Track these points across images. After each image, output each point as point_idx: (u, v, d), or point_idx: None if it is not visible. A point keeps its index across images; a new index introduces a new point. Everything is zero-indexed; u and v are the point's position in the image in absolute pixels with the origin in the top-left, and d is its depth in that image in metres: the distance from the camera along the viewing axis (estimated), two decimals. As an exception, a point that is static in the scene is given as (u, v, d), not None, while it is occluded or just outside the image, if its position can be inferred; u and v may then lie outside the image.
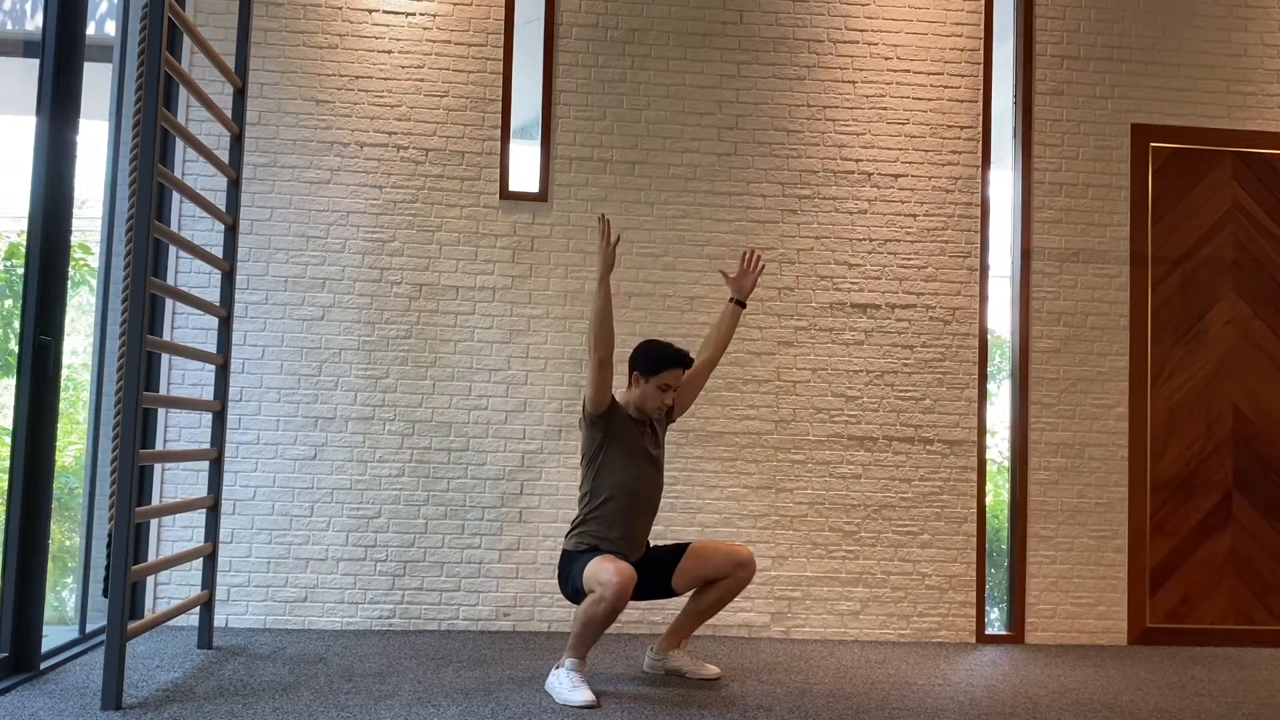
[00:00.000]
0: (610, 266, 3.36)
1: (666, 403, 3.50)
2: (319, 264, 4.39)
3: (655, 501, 3.54)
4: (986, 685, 3.65)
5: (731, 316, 3.72)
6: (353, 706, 3.03)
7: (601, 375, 3.33)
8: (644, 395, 3.47)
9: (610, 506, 3.40)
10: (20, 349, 3.28)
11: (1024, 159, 4.65)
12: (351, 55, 4.46)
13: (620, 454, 3.41)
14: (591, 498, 3.43)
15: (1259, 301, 4.70)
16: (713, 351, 3.70)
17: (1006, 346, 4.74)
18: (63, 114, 3.33)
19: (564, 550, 3.47)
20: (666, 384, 3.46)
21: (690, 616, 3.59)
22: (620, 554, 3.37)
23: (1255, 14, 4.78)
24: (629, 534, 3.43)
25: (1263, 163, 4.73)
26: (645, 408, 3.49)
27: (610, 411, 3.42)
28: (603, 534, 3.39)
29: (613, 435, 3.42)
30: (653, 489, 3.51)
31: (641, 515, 3.47)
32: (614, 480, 3.40)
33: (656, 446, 3.54)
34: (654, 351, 3.48)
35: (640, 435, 3.48)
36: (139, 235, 3.05)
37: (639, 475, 3.43)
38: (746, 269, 3.74)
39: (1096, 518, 4.56)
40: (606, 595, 3.16)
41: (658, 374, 3.45)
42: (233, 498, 4.26)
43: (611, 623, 3.25)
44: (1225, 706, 3.44)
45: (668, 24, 4.57)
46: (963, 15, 4.68)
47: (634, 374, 3.49)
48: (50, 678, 3.27)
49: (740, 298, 3.73)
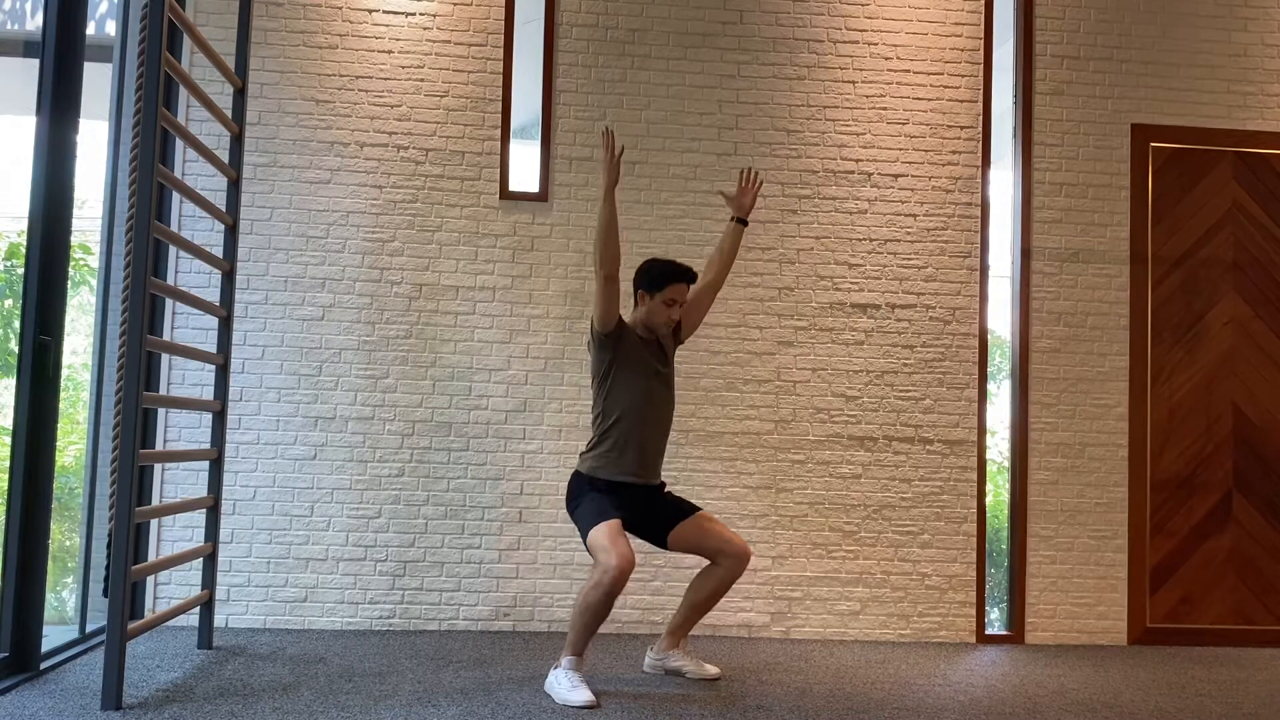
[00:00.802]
0: (615, 181, 3.37)
1: (673, 317, 3.52)
2: (319, 264, 4.39)
3: (667, 420, 3.56)
4: (986, 685, 3.65)
5: (734, 235, 3.74)
6: (353, 706, 3.03)
7: (608, 291, 3.35)
8: (650, 312, 3.50)
9: (622, 426, 3.41)
10: (20, 349, 3.28)
11: (1024, 159, 4.65)
12: (351, 55, 4.46)
13: (629, 373, 3.44)
14: (604, 418, 3.45)
15: (1259, 301, 4.70)
16: (717, 271, 3.72)
17: (1006, 346, 4.74)
18: (63, 114, 3.33)
19: (576, 472, 3.49)
20: (672, 298, 3.49)
21: (687, 612, 3.59)
22: (634, 480, 3.40)
23: (1255, 14, 4.78)
24: (642, 453, 3.45)
25: (1263, 163, 4.73)
26: (652, 324, 3.51)
27: (618, 331, 3.43)
28: (616, 457, 3.41)
29: (621, 354, 3.44)
30: (664, 407, 3.53)
31: (653, 434, 3.49)
32: (625, 399, 3.42)
33: (665, 364, 3.56)
34: (657, 267, 3.53)
35: (649, 353, 3.50)
36: (139, 235, 3.04)
37: (649, 393, 3.46)
38: (745, 186, 3.76)
39: (1096, 518, 4.56)
40: (604, 581, 3.17)
41: (662, 289, 3.48)
42: (233, 498, 4.26)
43: (609, 609, 3.25)
44: (1225, 706, 3.44)
45: (668, 24, 4.57)
46: (963, 15, 4.68)
47: (639, 292, 3.52)
48: (50, 678, 3.27)
49: (741, 215, 3.75)
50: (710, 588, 3.53)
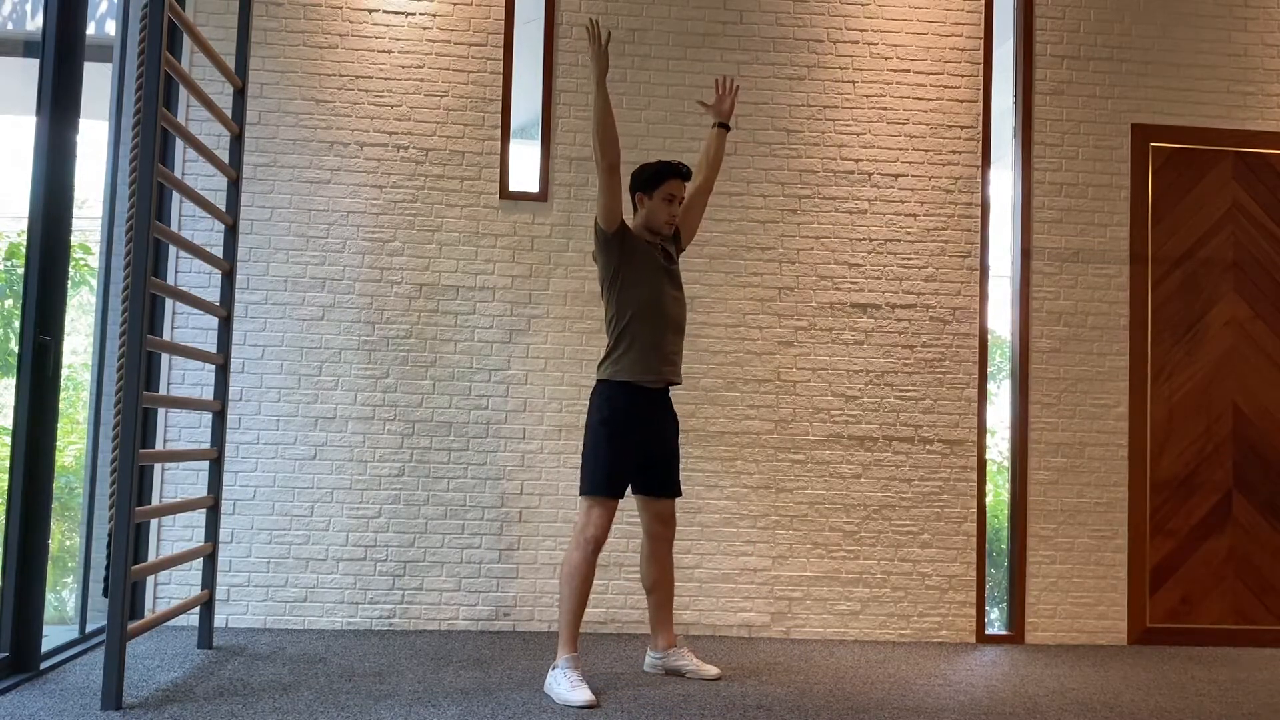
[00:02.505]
0: (605, 69, 3.38)
1: (674, 213, 3.57)
2: (319, 264, 4.39)
3: (681, 318, 3.57)
4: (986, 685, 3.65)
5: (718, 139, 3.78)
6: (353, 706, 3.03)
7: (611, 182, 3.38)
8: (650, 211, 3.55)
9: (638, 325, 3.43)
10: (20, 349, 3.28)
11: (1024, 159, 4.65)
12: (351, 55, 4.46)
13: (637, 271, 3.46)
14: (618, 319, 3.46)
15: (1259, 301, 4.70)
16: (705, 175, 3.76)
17: (1006, 346, 4.74)
18: (63, 114, 3.33)
19: (599, 382, 3.49)
20: (670, 193, 3.54)
21: (655, 597, 3.64)
22: (656, 381, 3.45)
23: (1255, 14, 4.78)
24: (662, 353, 3.47)
25: (1263, 163, 4.73)
26: (654, 224, 3.55)
27: (622, 231, 3.47)
28: (635, 358, 3.42)
29: (627, 255, 3.47)
30: (675, 304, 3.54)
31: (669, 329, 3.50)
32: (636, 298, 3.44)
33: (672, 262, 3.59)
34: (651, 167, 3.60)
35: (655, 253, 3.53)
36: (139, 235, 3.05)
37: (659, 289, 3.48)
38: (722, 93, 3.80)
39: (1096, 518, 4.56)
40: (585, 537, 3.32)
41: (659, 186, 3.54)
42: (233, 498, 4.26)
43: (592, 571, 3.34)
44: (1225, 706, 3.44)
45: (668, 24, 4.57)
46: (963, 15, 4.68)
47: (636, 195, 3.58)
48: (50, 678, 3.27)
49: (722, 120, 3.79)
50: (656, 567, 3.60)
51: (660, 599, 3.64)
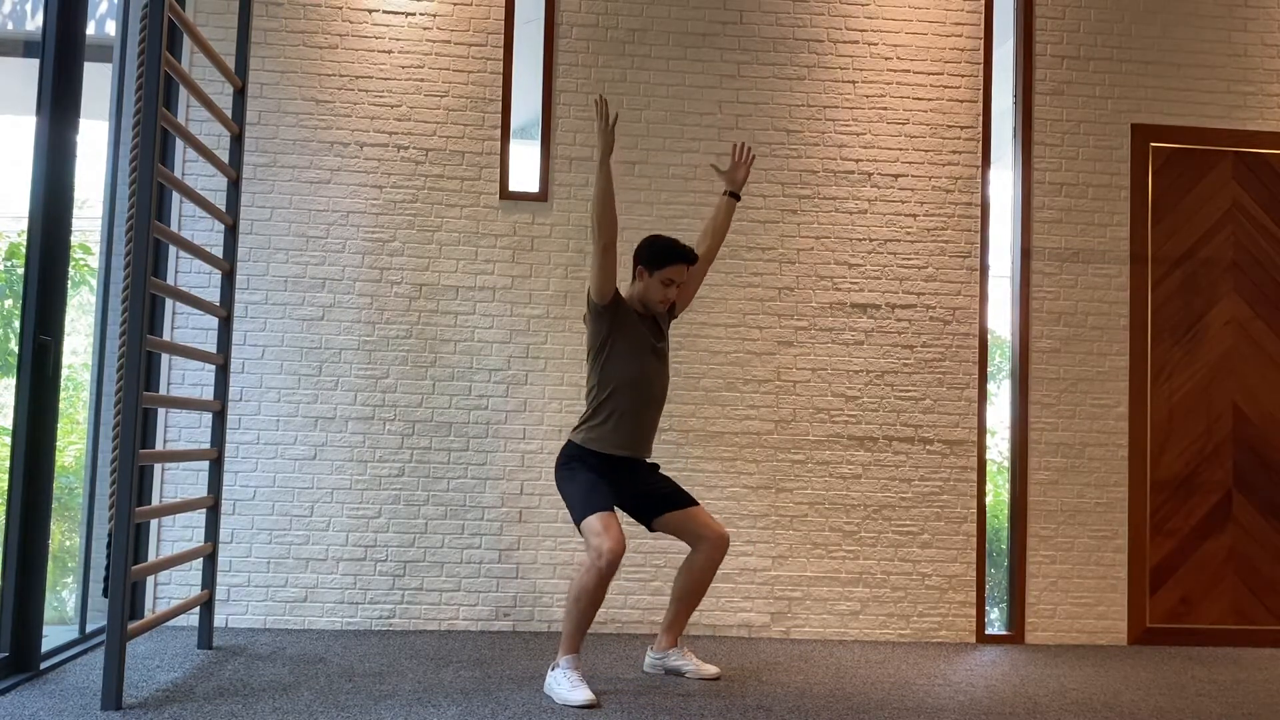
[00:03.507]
0: (610, 148, 3.36)
1: (670, 297, 3.52)
2: (319, 264, 4.39)
3: (661, 395, 3.56)
4: (986, 685, 3.65)
5: (726, 208, 3.75)
6: (353, 706, 3.03)
7: (605, 261, 3.33)
8: (647, 289, 3.50)
9: (617, 399, 3.41)
10: (20, 349, 3.28)
11: (1024, 159, 4.65)
12: (351, 55, 4.46)
13: (625, 347, 3.43)
14: (598, 391, 3.44)
15: (1259, 301, 4.70)
16: (711, 242, 3.74)
17: (1006, 346, 4.75)
18: (63, 114, 3.33)
19: (569, 442, 3.48)
20: (670, 278, 3.49)
21: (677, 606, 3.60)
22: (626, 454, 3.42)
23: (1255, 14, 4.78)
24: (636, 428, 3.45)
25: (1263, 163, 4.73)
26: (648, 301, 3.52)
27: (614, 303, 3.42)
28: (610, 430, 3.41)
29: (617, 328, 3.43)
30: (658, 382, 3.52)
31: (648, 408, 3.49)
32: (620, 373, 3.42)
33: (661, 339, 3.56)
34: (658, 245, 3.51)
35: (645, 328, 3.50)
36: (139, 235, 3.04)
37: (644, 367, 3.45)
38: (738, 160, 3.76)
39: (1096, 518, 4.56)
40: (599, 565, 3.19)
41: (662, 268, 3.47)
42: (233, 498, 4.26)
43: (603, 594, 3.26)
44: (1225, 706, 3.44)
45: (668, 24, 4.57)
46: (963, 15, 4.68)
47: (638, 268, 3.52)
48: (50, 678, 3.27)
49: (734, 189, 3.75)
50: (694, 577, 3.55)
51: (682, 609, 3.61)
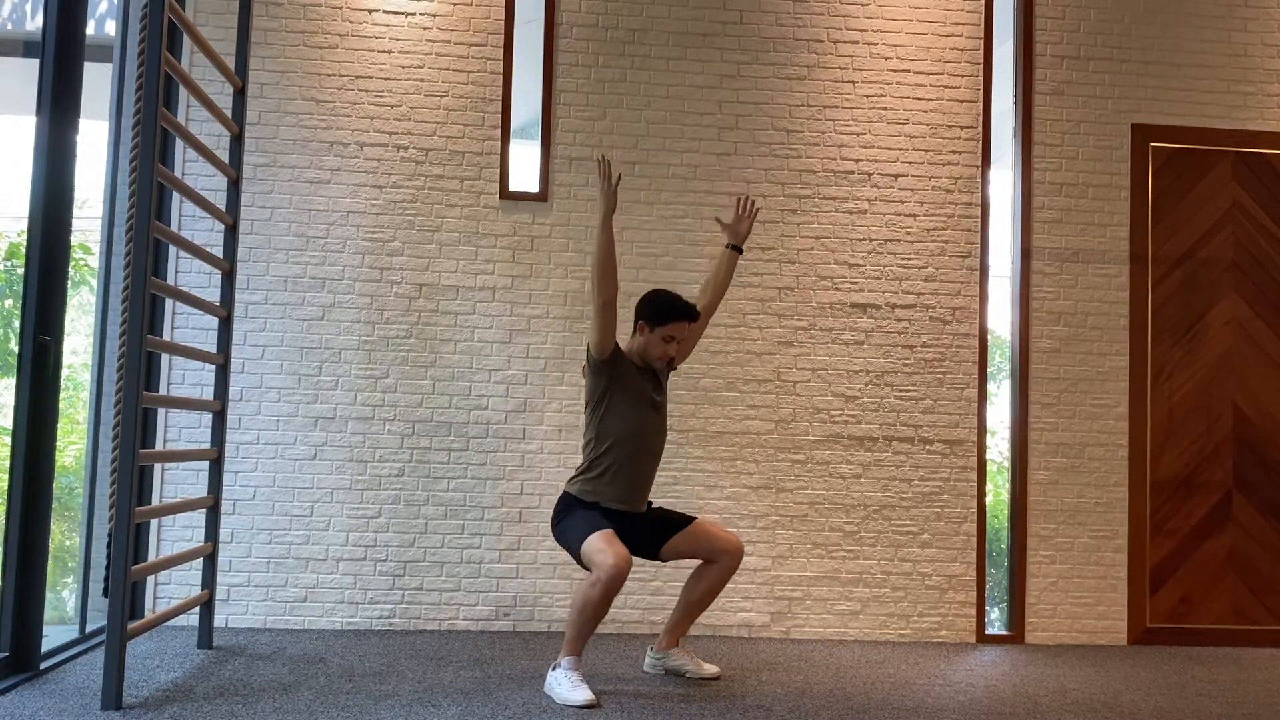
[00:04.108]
0: (612, 208, 3.35)
1: (670, 353, 3.51)
2: (319, 264, 4.39)
3: (659, 449, 3.55)
4: (986, 685, 3.65)
5: (729, 262, 3.74)
6: (353, 706, 3.03)
7: (605, 319, 3.33)
8: (647, 344, 3.49)
9: (614, 453, 3.40)
10: (20, 349, 3.28)
11: (1024, 159, 4.65)
12: (351, 55, 4.46)
13: (624, 401, 3.42)
14: (596, 444, 3.43)
15: (1259, 301, 4.70)
16: (712, 297, 3.73)
17: (1006, 346, 4.74)
18: (63, 114, 3.33)
19: (565, 493, 3.47)
20: (671, 335, 3.48)
21: (685, 609, 3.59)
22: (623, 508, 3.40)
23: (1255, 14, 4.78)
24: (634, 481, 3.44)
25: (1263, 163, 4.73)
26: (648, 356, 3.50)
27: (614, 357, 3.42)
28: (607, 483, 3.40)
29: (616, 381, 3.42)
30: (656, 436, 3.52)
31: (645, 462, 3.48)
32: (618, 427, 3.41)
33: (660, 393, 3.55)
34: (661, 302, 3.49)
35: (644, 382, 3.49)
36: (139, 235, 3.04)
37: (643, 422, 3.44)
38: (741, 214, 3.76)
39: (1096, 518, 4.56)
40: (602, 578, 3.16)
41: (663, 325, 3.46)
42: (233, 498, 4.26)
43: (607, 608, 3.25)
44: (1225, 706, 3.44)
45: (668, 24, 4.57)
46: (963, 15, 4.68)
47: (639, 322, 3.51)
48: (50, 678, 3.27)
49: (736, 243, 3.74)
50: (705, 586, 3.54)
51: (688, 614, 3.60)
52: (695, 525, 3.54)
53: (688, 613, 3.60)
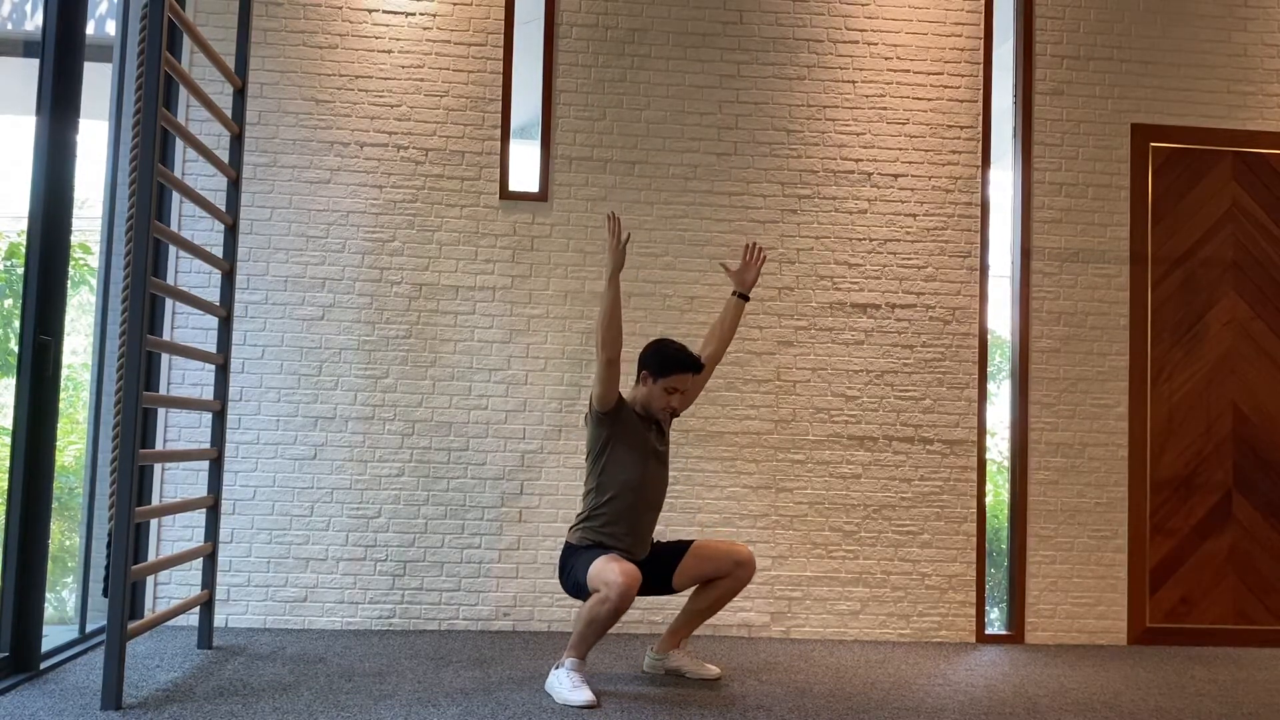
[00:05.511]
0: (620, 265, 3.34)
1: (673, 405, 3.49)
2: (319, 264, 4.39)
3: (660, 499, 3.54)
4: (986, 685, 3.65)
5: (735, 310, 3.73)
6: (353, 706, 3.03)
7: (609, 374, 3.32)
8: (650, 395, 3.46)
9: (616, 504, 3.39)
10: (20, 349, 3.28)
11: (1024, 159, 4.65)
12: (351, 55, 4.46)
13: (626, 451, 3.40)
14: (597, 494, 3.41)
15: (1259, 301, 4.70)
16: (716, 346, 3.71)
17: (1006, 346, 4.74)
18: (63, 114, 3.33)
19: (567, 543, 3.46)
20: (674, 387, 3.44)
21: (690, 616, 3.59)
22: (626, 553, 3.37)
23: (1255, 14, 4.78)
24: (635, 531, 3.43)
25: (1263, 163, 4.73)
26: (650, 407, 3.48)
27: (617, 409, 3.40)
28: (608, 532, 3.39)
29: (619, 432, 3.41)
30: (658, 486, 3.51)
31: (647, 512, 3.47)
32: (620, 477, 3.39)
33: (663, 443, 3.53)
34: (665, 353, 3.46)
35: (646, 432, 3.47)
36: (139, 235, 3.04)
37: (645, 472, 3.43)
38: (749, 261, 3.75)
39: (1096, 518, 4.56)
40: (611, 596, 3.15)
41: (667, 376, 3.43)
42: (233, 498, 4.26)
43: (615, 623, 3.25)
44: (1225, 706, 3.44)
45: (668, 24, 4.57)
46: (963, 15, 4.68)
47: (642, 372, 3.48)
48: (50, 678, 3.27)
49: (743, 290, 3.74)
50: (715, 595, 3.52)
51: (693, 621, 3.59)
52: (696, 546, 3.52)
53: (691, 619, 3.59)
